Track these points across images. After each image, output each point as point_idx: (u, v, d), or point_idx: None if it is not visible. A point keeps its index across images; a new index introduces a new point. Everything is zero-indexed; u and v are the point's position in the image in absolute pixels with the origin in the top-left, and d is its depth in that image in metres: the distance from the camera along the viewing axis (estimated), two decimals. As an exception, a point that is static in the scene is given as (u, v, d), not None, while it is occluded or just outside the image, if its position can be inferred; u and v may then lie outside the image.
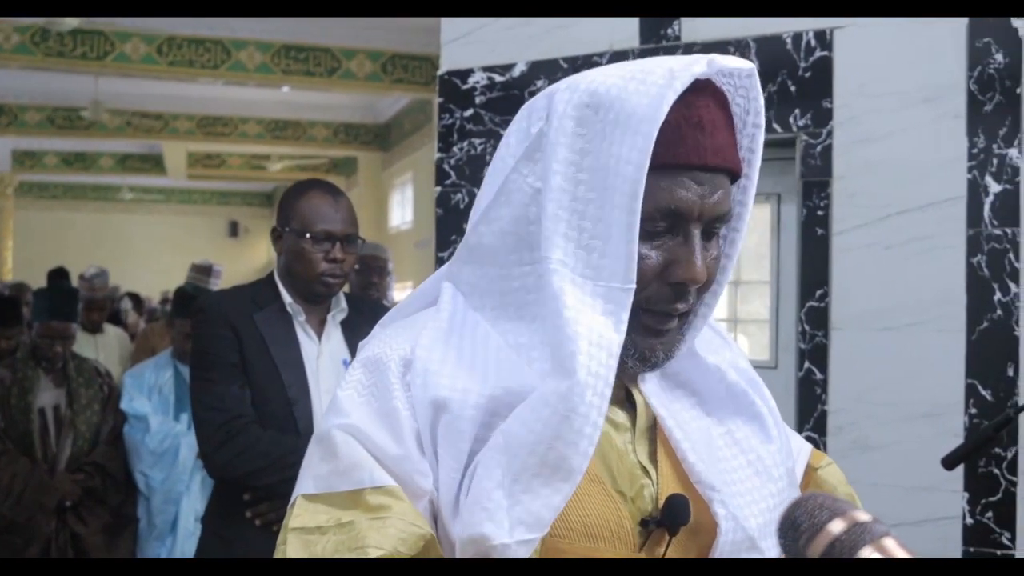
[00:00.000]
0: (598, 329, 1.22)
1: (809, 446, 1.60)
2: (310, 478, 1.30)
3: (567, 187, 1.25)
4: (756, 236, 4.14)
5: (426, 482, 1.25)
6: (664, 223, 1.26)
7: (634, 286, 1.23)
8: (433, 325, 1.34)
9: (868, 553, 0.95)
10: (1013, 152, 3.47)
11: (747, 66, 1.30)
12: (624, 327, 1.24)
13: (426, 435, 1.26)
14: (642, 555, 1.30)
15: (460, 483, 1.24)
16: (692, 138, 1.24)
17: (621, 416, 1.37)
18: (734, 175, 1.32)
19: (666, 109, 1.20)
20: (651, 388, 1.39)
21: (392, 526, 1.20)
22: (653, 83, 1.22)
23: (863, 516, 0.99)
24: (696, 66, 1.24)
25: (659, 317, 1.31)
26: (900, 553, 0.96)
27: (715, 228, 1.32)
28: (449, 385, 1.26)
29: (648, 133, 1.20)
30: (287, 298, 3.11)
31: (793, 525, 1.02)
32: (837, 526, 0.99)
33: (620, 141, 1.22)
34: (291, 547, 1.24)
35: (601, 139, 1.24)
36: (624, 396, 1.38)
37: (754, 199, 1.39)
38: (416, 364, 1.29)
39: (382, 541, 1.19)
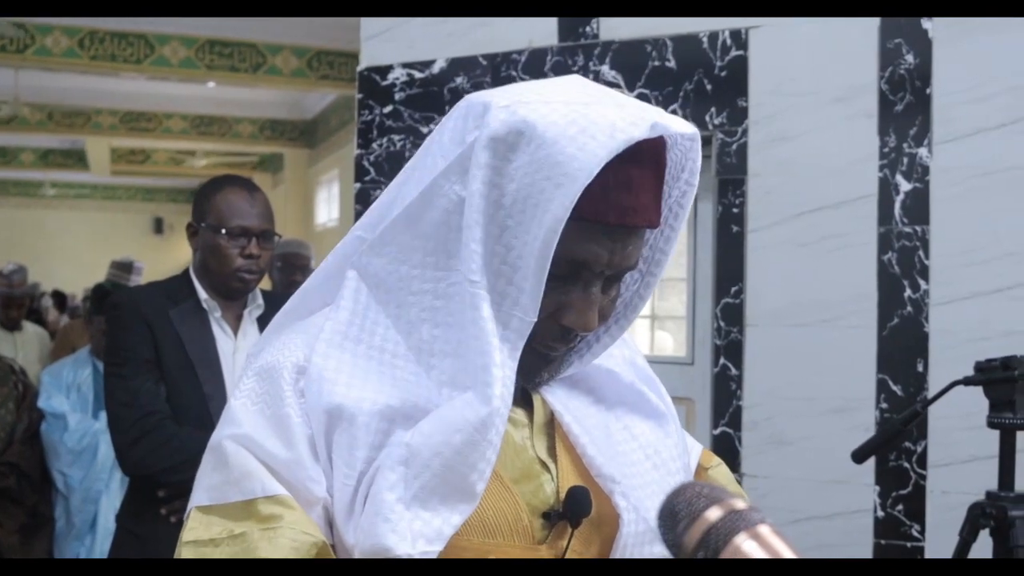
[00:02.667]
0: (502, 357, 1.23)
1: (700, 446, 1.62)
2: (203, 489, 1.29)
3: (490, 211, 1.23)
4: (673, 233, 4.18)
5: (319, 489, 1.25)
6: (568, 269, 1.26)
7: (535, 319, 1.23)
8: (331, 329, 1.32)
9: (743, 540, 0.97)
10: (923, 151, 3.53)
11: (690, 130, 1.28)
12: (519, 355, 1.25)
13: (320, 442, 1.26)
14: (543, 548, 1.30)
15: (355, 489, 1.23)
16: (616, 198, 1.22)
17: (519, 412, 1.37)
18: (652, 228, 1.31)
19: (595, 171, 1.17)
20: (547, 386, 1.39)
21: (283, 536, 1.20)
22: (591, 136, 1.18)
23: (740, 504, 1.01)
24: (638, 128, 1.20)
25: (547, 347, 1.32)
26: (775, 540, 0.97)
27: (621, 276, 1.32)
28: (344, 393, 1.26)
29: (571, 191, 1.17)
30: (203, 294, 3.08)
31: (672, 513, 1.04)
32: (714, 513, 1.00)
33: (543, 186, 1.19)
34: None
35: (525, 173, 1.21)
36: (519, 392, 1.38)
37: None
38: (311, 371, 1.28)
39: (274, 552, 1.19)
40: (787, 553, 0.97)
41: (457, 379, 1.26)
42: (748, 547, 0.97)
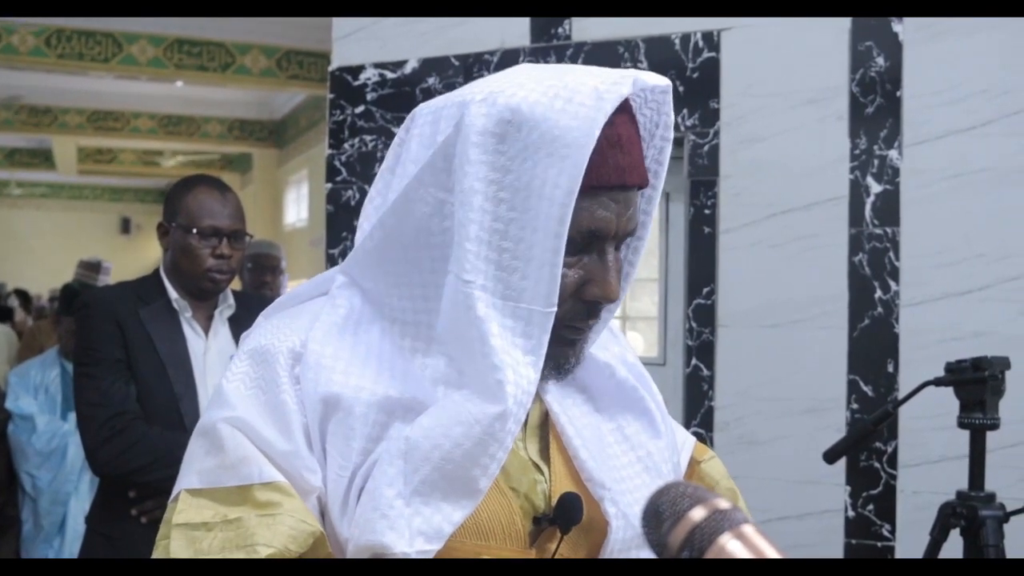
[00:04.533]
0: (519, 356, 1.21)
1: (693, 439, 1.62)
2: (194, 472, 1.26)
3: (488, 207, 1.20)
4: (645, 234, 4.18)
5: (315, 479, 1.23)
6: (581, 243, 1.25)
7: (555, 309, 1.22)
8: (327, 318, 1.31)
9: (728, 539, 0.97)
10: (893, 153, 3.55)
11: (664, 83, 1.29)
12: (544, 351, 1.23)
13: (315, 431, 1.24)
14: (532, 552, 1.29)
15: (350, 481, 1.22)
16: (613, 159, 1.22)
17: None
18: (643, 188, 1.32)
19: (597, 134, 1.17)
20: (544, 384, 1.37)
21: (282, 523, 1.18)
22: (580, 103, 1.18)
23: (724, 504, 1.01)
24: (622, 86, 1.20)
25: (573, 329, 1.30)
26: (759, 540, 0.97)
27: (624, 241, 1.32)
28: (342, 381, 1.24)
29: (579, 159, 1.17)
30: (173, 294, 3.06)
31: (656, 513, 1.04)
32: (698, 513, 1.00)
33: (546, 164, 1.18)
34: (175, 543, 1.20)
35: (523, 159, 1.19)
36: None
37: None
38: (308, 357, 1.26)
39: (272, 539, 1.17)
40: (771, 553, 0.97)
41: (451, 378, 1.25)
42: (733, 547, 0.97)
